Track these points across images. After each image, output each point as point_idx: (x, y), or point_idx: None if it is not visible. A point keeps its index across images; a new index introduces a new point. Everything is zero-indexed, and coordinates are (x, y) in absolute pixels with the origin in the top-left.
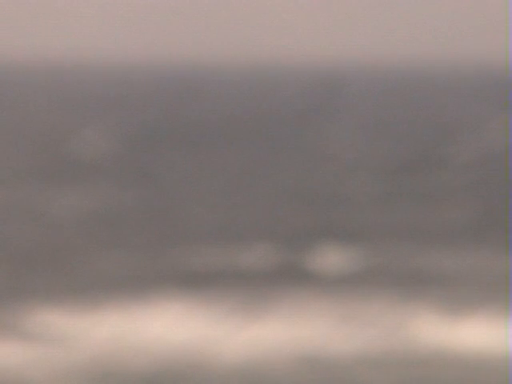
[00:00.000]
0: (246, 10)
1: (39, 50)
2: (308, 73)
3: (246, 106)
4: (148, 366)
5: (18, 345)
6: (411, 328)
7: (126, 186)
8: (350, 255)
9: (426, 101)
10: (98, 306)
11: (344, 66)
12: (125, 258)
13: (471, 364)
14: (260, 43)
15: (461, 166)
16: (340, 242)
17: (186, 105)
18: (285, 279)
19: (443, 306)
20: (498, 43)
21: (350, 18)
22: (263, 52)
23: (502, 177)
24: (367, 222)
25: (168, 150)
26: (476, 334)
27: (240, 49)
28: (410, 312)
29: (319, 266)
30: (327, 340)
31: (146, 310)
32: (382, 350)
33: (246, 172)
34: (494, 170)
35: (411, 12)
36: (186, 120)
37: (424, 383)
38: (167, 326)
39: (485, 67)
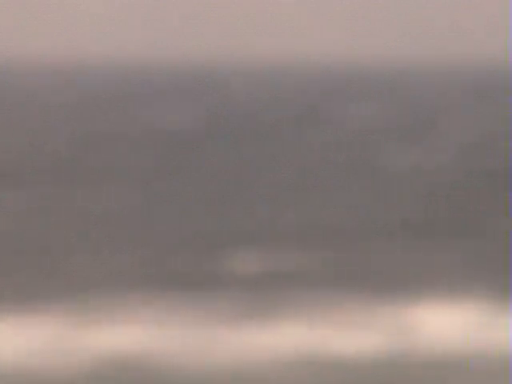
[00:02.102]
0: (244, 10)
1: (37, 50)
2: (306, 73)
3: (239, 106)
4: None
5: None
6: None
7: (129, 187)
8: (265, 258)
9: (423, 101)
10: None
11: (343, 65)
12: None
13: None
14: (259, 43)
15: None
16: (255, 245)
17: (184, 104)
18: (198, 282)
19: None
20: (498, 43)
21: (349, 17)
22: (262, 52)
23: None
24: (289, 225)
25: (163, 151)
26: (353, 341)
27: (238, 49)
28: (315, 316)
29: (232, 269)
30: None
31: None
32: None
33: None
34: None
35: (411, 12)
36: (184, 120)
37: None
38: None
39: (485, 67)
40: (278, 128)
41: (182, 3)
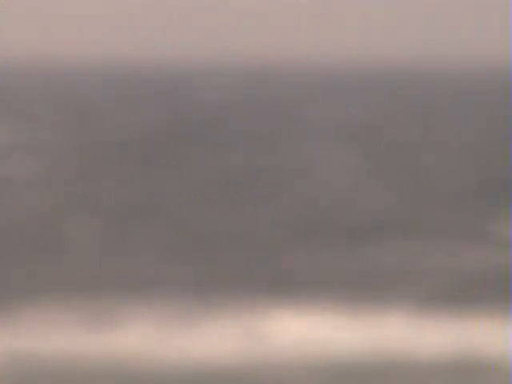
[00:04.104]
0: (244, 10)
1: (37, 50)
2: (306, 73)
3: (238, 106)
4: None
5: None
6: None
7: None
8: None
9: (423, 101)
10: None
11: (343, 66)
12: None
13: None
14: (259, 43)
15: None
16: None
17: (180, 105)
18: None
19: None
20: (498, 43)
21: (349, 17)
22: (261, 52)
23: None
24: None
25: (162, 151)
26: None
27: (238, 49)
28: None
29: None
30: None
31: None
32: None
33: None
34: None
35: (411, 12)
36: (178, 120)
37: None
38: None
39: (485, 67)
40: (277, 128)
41: (181, 3)
